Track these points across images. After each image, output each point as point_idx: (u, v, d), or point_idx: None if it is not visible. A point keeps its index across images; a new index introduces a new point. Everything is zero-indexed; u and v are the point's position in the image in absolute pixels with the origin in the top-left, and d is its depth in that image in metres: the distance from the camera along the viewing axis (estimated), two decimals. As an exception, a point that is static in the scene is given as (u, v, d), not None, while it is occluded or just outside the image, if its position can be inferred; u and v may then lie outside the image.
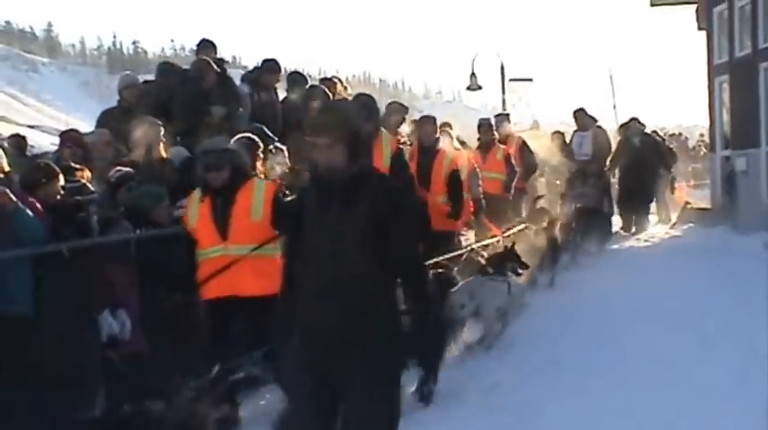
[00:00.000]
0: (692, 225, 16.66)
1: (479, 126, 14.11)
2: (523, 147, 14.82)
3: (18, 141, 10.85)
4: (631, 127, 17.88)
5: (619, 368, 7.93)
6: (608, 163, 16.92)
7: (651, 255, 14.39)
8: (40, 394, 6.53)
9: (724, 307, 9.67)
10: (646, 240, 16.06)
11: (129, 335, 7.24)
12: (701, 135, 29.97)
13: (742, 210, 15.27)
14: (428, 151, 10.46)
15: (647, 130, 18.17)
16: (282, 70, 12.11)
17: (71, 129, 10.23)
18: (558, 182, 16.51)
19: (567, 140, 17.37)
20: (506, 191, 13.57)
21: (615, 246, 15.42)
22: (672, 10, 19.75)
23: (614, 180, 17.32)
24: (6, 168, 7.25)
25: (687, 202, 18.52)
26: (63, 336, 6.64)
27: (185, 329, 7.80)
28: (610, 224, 16.08)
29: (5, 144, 9.25)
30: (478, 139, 14.01)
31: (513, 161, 13.88)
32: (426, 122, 11.01)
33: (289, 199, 7.23)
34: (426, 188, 10.01)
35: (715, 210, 16.85)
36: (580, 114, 17.52)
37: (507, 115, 17.19)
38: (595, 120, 17.52)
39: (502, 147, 13.85)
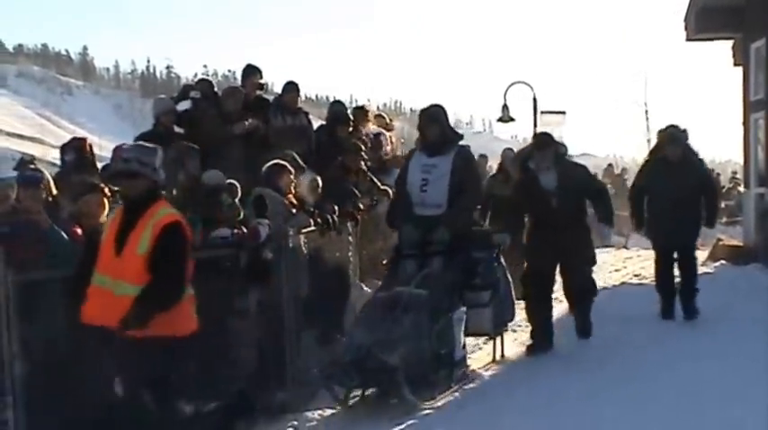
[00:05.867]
0: (723, 262, 16.48)
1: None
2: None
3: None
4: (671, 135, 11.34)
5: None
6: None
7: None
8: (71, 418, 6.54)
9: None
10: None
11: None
12: (734, 173, 29.71)
13: (775, 249, 15.09)
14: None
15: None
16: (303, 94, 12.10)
17: (74, 138, 10.09)
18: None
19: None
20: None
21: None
22: (708, 45, 19.59)
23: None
24: (54, 191, 7.31)
25: (719, 239, 18.34)
26: (94, 359, 6.62)
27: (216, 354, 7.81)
28: None
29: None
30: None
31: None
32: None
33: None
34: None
35: (748, 247, 16.66)
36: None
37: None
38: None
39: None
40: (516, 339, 10.61)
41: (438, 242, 8.84)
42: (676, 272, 11.17)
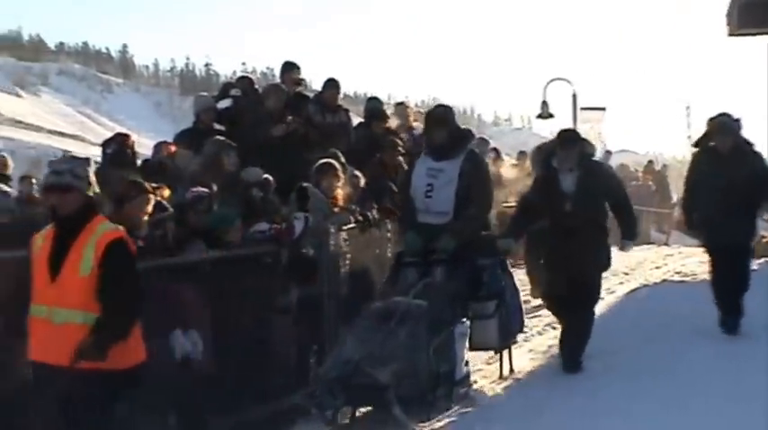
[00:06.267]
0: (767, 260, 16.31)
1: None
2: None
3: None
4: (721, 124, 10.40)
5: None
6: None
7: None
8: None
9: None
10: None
11: (201, 356, 7.25)
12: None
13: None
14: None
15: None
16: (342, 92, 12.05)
17: (118, 134, 10.18)
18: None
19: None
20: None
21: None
22: (751, 40, 19.39)
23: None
24: (97, 189, 7.33)
25: (763, 236, 18.16)
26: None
27: (257, 352, 7.84)
28: None
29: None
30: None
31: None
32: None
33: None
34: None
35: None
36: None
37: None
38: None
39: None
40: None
41: (442, 250, 8.33)
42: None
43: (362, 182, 10.22)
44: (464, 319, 8.12)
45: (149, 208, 7.41)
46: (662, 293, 12.56)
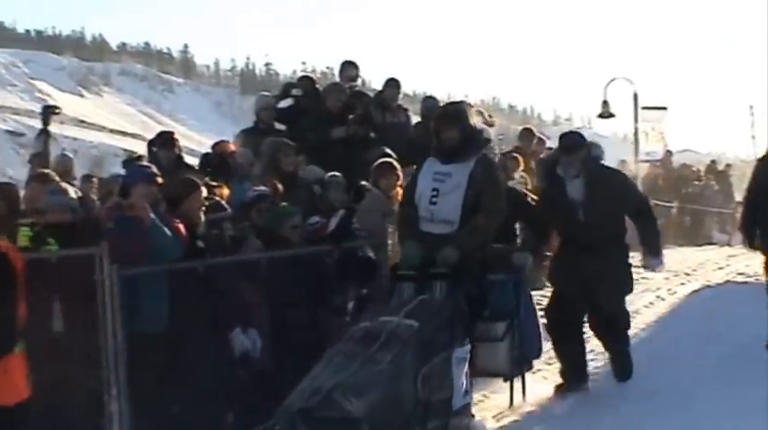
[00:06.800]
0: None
1: None
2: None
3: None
4: None
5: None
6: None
7: None
8: (171, 411, 6.63)
9: None
10: None
11: (259, 354, 7.28)
12: None
13: None
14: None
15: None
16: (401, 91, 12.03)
17: (163, 132, 10.36)
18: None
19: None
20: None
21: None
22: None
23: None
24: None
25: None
26: (195, 353, 6.73)
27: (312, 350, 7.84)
28: None
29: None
30: None
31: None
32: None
33: None
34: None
35: None
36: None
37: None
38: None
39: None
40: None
41: (442, 263, 7.22)
42: None
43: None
44: (465, 342, 6.99)
45: (203, 200, 7.45)
46: (725, 294, 12.40)
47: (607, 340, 8.58)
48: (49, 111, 10.52)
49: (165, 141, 9.65)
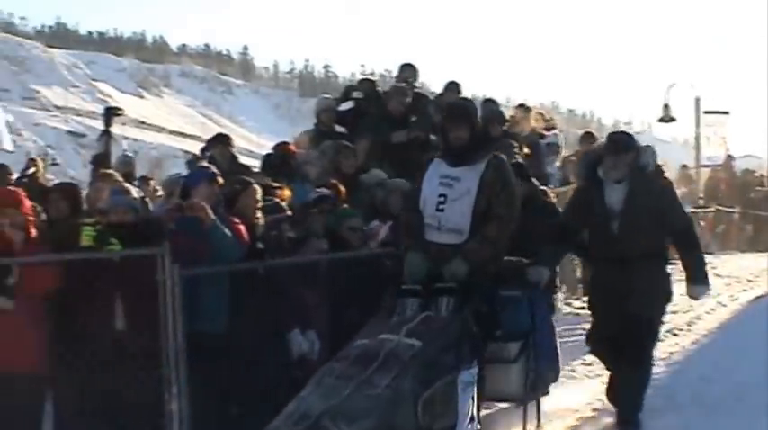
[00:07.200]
0: None
1: None
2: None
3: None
4: None
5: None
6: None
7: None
8: (229, 411, 6.67)
9: None
10: None
11: (317, 356, 7.29)
12: None
13: None
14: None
15: None
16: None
17: (219, 134, 10.47)
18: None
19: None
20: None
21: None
22: None
23: None
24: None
25: None
26: (254, 354, 6.76)
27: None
28: None
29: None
30: None
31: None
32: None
33: None
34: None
35: None
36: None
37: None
38: None
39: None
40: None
41: (450, 277, 6.64)
42: None
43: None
44: (473, 364, 6.40)
45: (258, 199, 7.44)
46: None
47: (629, 352, 7.35)
48: (111, 113, 10.66)
49: (220, 142, 9.73)
